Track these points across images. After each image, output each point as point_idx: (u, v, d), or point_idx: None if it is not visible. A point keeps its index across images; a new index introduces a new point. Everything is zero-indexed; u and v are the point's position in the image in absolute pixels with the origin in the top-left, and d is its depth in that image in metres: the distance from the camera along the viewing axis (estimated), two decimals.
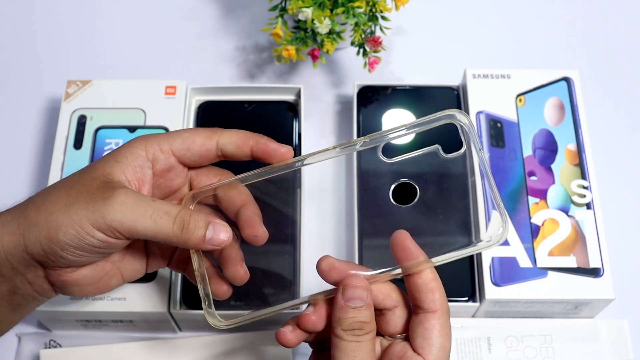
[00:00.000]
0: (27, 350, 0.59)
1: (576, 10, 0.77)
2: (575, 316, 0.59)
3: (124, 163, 0.43)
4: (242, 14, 0.77)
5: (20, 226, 0.41)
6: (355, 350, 0.40)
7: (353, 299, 0.41)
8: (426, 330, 0.41)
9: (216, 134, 0.46)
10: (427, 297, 0.42)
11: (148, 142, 0.45)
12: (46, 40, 0.75)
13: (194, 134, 0.45)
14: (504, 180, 0.61)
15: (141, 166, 0.44)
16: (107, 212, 0.40)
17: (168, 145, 0.45)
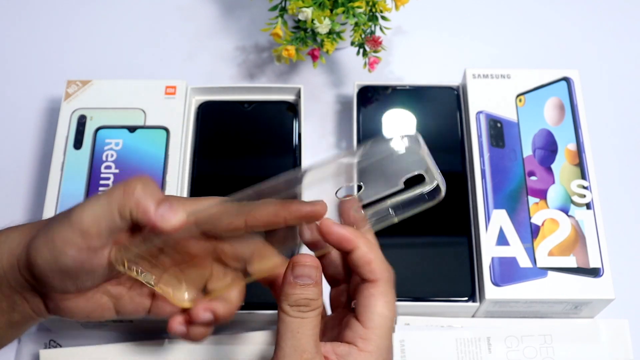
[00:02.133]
0: (27, 350, 0.59)
1: (576, 10, 0.77)
2: (575, 316, 0.59)
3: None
4: (242, 14, 0.77)
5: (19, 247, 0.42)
6: (300, 327, 0.40)
7: (302, 276, 0.41)
8: (365, 299, 0.41)
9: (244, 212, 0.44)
10: (364, 269, 0.42)
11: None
12: (46, 40, 0.75)
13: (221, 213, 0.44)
14: (504, 180, 0.61)
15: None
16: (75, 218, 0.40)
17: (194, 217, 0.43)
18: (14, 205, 0.66)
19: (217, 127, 0.65)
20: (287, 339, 0.40)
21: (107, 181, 0.60)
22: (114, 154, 0.61)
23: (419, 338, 0.58)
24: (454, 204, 0.61)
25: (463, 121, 0.65)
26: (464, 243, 0.59)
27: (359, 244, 0.42)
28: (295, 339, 0.40)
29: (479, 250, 0.58)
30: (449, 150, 0.64)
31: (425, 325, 0.58)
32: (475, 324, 0.59)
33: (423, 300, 0.58)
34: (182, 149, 0.62)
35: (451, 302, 0.58)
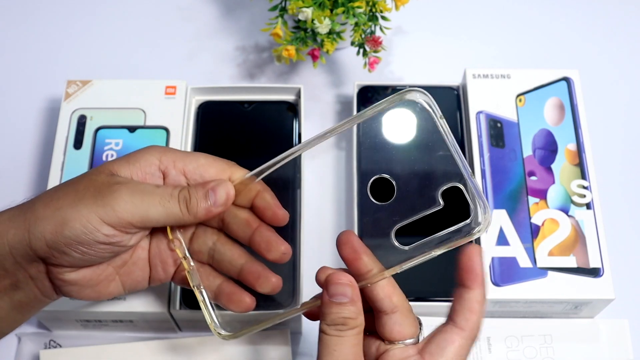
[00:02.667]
0: (27, 350, 0.59)
1: (576, 10, 0.77)
2: (575, 316, 0.59)
3: (135, 166, 0.44)
4: (242, 14, 0.77)
5: (27, 221, 0.41)
6: (336, 345, 0.40)
7: (336, 295, 0.41)
8: (444, 341, 0.42)
9: (230, 169, 0.45)
10: (464, 315, 0.42)
11: (164, 154, 0.45)
12: (46, 40, 0.75)
13: (209, 163, 0.45)
14: (504, 180, 0.61)
15: (152, 174, 0.44)
16: (117, 205, 0.41)
17: (182, 165, 0.45)
18: None
19: (217, 127, 0.65)
20: (325, 356, 0.40)
21: None
22: (114, 154, 0.61)
23: None
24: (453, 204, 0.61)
25: (463, 121, 0.65)
26: None
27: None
28: (332, 356, 0.40)
29: None
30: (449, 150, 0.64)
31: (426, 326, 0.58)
32: None
33: (423, 300, 0.58)
34: (182, 149, 0.62)
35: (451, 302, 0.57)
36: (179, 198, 0.43)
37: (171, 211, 0.42)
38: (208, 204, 0.43)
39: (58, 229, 0.40)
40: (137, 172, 0.44)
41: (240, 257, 0.46)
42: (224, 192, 0.44)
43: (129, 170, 0.43)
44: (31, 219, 0.41)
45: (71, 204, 0.41)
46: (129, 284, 0.46)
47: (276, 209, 0.46)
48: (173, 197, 0.42)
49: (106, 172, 0.43)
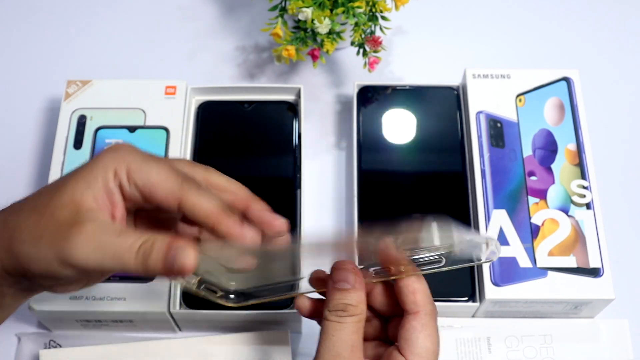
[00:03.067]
0: (27, 350, 0.59)
1: (576, 10, 0.77)
2: (575, 316, 0.59)
3: (95, 187, 0.40)
4: (242, 14, 0.77)
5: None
6: (335, 330, 0.40)
7: (340, 280, 0.41)
8: (407, 332, 0.42)
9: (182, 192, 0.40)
10: (407, 298, 0.42)
11: (120, 164, 0.41)
12: (46, 40, 0.75)
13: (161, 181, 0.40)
14: (504, 180, 0.61)
15: (111, 190, 0.41)
16: (72, 253, 0.38)
17: (134, 179, 0.40)
18: None
19: (217, 127, 0.65)
20: (323, 341, 0.41)
21: None
22: None
23: None
24: (454, 204, 0.61)
25: (463, 121, 0.65)
26: None
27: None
28: (330, 341, 0.40)
29: None
30: (449, 150, 0.64)
31: None
32: (475, 324, 0.59)
33: None
34: (182, 149, 0.62)
35: (451, 302, 0.58)
36: (137, 254, 0.39)
37: (126, 264, 0.39)
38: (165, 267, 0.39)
39: (24, 264, 0.39)
40: (100, 195, 0.40)
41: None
42: (181, 262, 0.38)
43: (91, 195, 0.40)
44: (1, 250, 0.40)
45: (32, 241, 0.39)
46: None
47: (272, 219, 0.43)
48: (130, 250, 0.39)
49: (69, 206, 0.40)
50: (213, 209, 0.40)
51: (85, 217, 0.39)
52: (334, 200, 0.66)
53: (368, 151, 0.63)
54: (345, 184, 0.67)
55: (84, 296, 0.56)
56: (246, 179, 0.62)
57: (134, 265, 0.39)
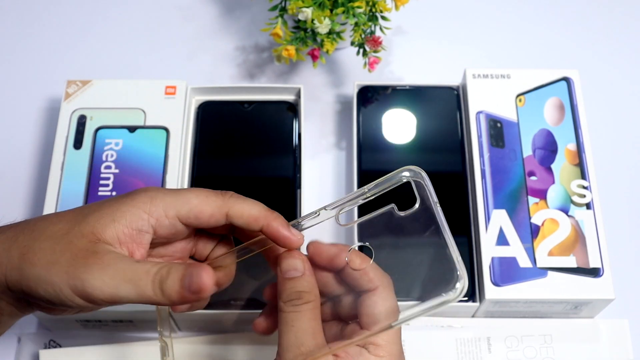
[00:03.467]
0: (27, 350, 0.59)
1: (576, 10, 0.77)
2: (575, 316, 0.59)
3: (120, 223, 0.40)
4: (242, 14, 0.77)
5: (2, 265, 0.40)
6: (294, 320, 0.40)
7: (288, 270, 0.41)
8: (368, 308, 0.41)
9: (227, 204, 0.42)
10: (362, 280, 0.42)
11: (153, 203, 0.41)
12: (46, 40, 0.75)
13: (203, 202, 0.42)
14: (504, 180, 0.61)
15: (140, 229, 0.41)
16: (87, 281, 0.38)
17: (175, 212, 0.42)
18: (14, 205, 0.66)
19: (217, 127, 0.65)
20: (284, 334, 0.40)
21: (107, 181, 0.60)
22: (114, 154, 0.61)
23: (419, 338, 0.58)
24: (454, 204, 0.61)
25: (463, 121, 0.65)
26: (464, 243, 0.59)
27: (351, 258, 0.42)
28: (291, 332, 0.40)
29: (479, 250, 0.58)
30: (449, 150, 0.64)
31: (425, 325, 0.58)
32: (475, 324, 0.59)
33: None
34: (182, 149, 0.62)
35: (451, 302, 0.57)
36: (154, 278, 0.39)
37: (143, 292, 0.39)
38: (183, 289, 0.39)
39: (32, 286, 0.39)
40: (124, 231, 0.41)
41: None
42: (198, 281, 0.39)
43: (114, 230, 0.40)
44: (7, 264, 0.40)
45: (45, 265, 0.39)
46: None
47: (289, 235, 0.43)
48: (148, 277, 0.39)
49: (88, 237, 0.40)
50: (261, 211, 0.42)
51: (104, 248, 0.40)
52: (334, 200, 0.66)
53: (368, 151, 0.63)
54: (345, 184, 0.67)
55: None
56: (246, 179, 0.63)
57: (151, 289, 0.39)
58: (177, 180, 0.61)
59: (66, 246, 0.40)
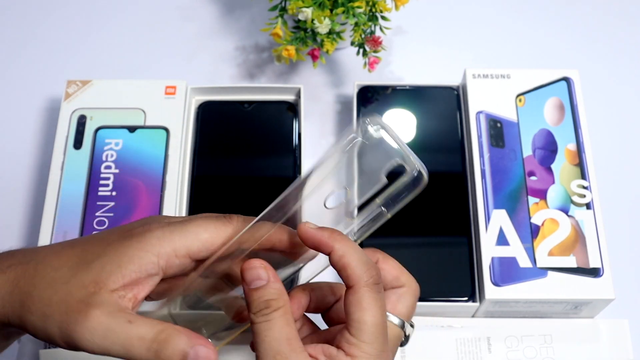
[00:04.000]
0: (27, 351, 0.59)
1: (576, 10, 0.77)
2: (575, 316, 0.59)
3: (128, 269, 0.39)
4: (242, 14, 0.77)
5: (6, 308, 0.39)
6: (266, 330, 0.39)
7: (253, 280, 0.40)
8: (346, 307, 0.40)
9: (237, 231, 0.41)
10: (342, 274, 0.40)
11: (161, 246, 0.40)
12: (46, 40, 0.75)
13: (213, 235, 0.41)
14: (504, 180, 0.61)
15: (149, 273, 0.40)
16: (78, 340, 0.38)
17: (185, 251, 0.41)
18: (14, 205, 0.66)
19: (217, 127, 0.65)
20: (259, 345, 0.39)
21: (107, 181, 0.60)
22: (114, 154, 0.61)
23: (419, 338, 0.58)
24: (454, 204, 0.61)
25: (463, 121, 0.65)
26: (464, 243, 0.59)
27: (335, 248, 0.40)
28: (265, 343, 0.39)
29: (479, 250, 0.58)
30: (449, 150, 0.64)
31: (425, 325, 0.58)
32: (475, 324, 0.59)
33: (423, 300, 0.58)
34: (182, 149, 0.62)
35: (451, 302, 0.58)
36: (150, 346, 0.38)
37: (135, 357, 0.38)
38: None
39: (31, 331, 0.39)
40: (131, 276, 0.39)
41: None
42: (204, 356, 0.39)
43: (120, 275, 0.39)
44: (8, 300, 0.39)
45: (41, 317, 0.38)
46: None
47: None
48: (142, 343, 0.38)
49: (89, 288, 0.38)
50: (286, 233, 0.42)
51: (101, 300, 0.38)
52: None
53: None
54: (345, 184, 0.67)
55: None
56: (246, 178, 0.63)
57: (144, 353, 0.38)
58: (177, 180, 0.60)
59: (64, 297, 0.38)
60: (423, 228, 0.61)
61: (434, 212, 0.61)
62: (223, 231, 0.41)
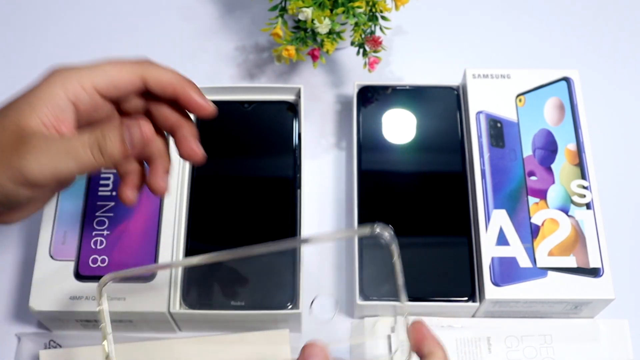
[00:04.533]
0: (27, 350, 0.59)
1: (576, 11, 0.77)
2: (575, 316, 0.59)
3: (40, 107, 0.40)
4: (242, 14, 0.77)
5: None
6: None
7: None
8: None
9: (144, 69, 0.43)
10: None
11: (68, 80, 0.41)
12: (46, 40, 0.75)
13: (120, 69, 0.42)
14: (504, 180, 0.61)
15: (61, 108, 0.41)
16: (23, 167, 0.39)
17: (91, 84, 0.42)
18: None
19: (217, 127, 0.65)
20: None
21: (107, 181, 0.60)
22: None
23: None
24: (454, 204, 0.61)
25: (463, 121, 0.65)
26: (464, 243, 0.59)
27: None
28: None
29: (479, 250, 0.58)
30: (449, 150, 0.64)
31: None
32: (475, 324, 0.59)
33: (423, 300, 0.58)
34: None
35: (451, 302, 0.58)
36: (90, 145, 0.40)
37: (82, 160, 0.39)
38: (124, 146, 0.40)
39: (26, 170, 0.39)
40: (45, 113, 0.40)
41: None
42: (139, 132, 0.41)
43: (35, 115, 0.40)
44: None
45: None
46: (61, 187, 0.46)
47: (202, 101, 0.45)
48: (83, 146, 0.40)
49: (12, 129, 0.40)
50: (176, 77, 0.44)
51: (31, 134, 0.40)
52: (334, 200, 0.66)
53: (368, 151, 0.63)
54: (345, 184, 0.67)
55: (84, 296, 0.56)
56: (246, 179, 0.63)
57: (91, 155, 0.39)
58: (177, 180, 0.60)
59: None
60: (423, 228, 0.61)
61: (434, 212, 0.61)
62: (130, 67, 0.43)
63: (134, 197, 0.47)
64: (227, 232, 0.60)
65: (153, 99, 0.46)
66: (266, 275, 0.58)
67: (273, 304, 0.57)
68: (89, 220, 0.59)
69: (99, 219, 0.59)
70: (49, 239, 0.58)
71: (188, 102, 0.44)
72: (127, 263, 0.57)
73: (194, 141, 0.46)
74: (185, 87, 0.44)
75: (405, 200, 0.62)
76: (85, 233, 0.58)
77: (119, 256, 0.57)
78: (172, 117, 0.46)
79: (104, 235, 0.58)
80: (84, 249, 0.58)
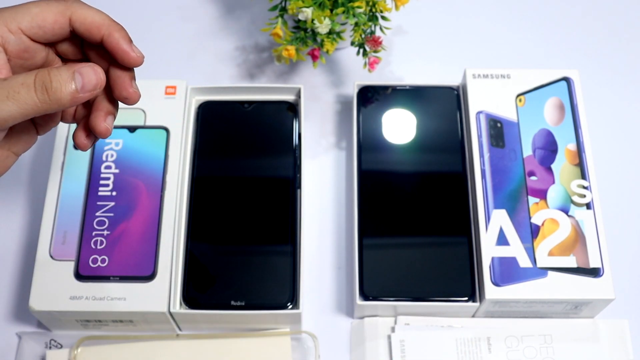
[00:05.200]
0: (27, 350, 0.59)
1: (576, 10, 0.77)
2: (575, 316, 0.59)
3: None
4: (242, 14, 0.77)
5: None
6: None
7: None
8: None
9: (70, 9, 0.41)
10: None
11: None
12: None
13: (44, 9, 0.40)
14: (504, 180, 0.61)
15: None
16: None
17: (16, 24, 0.40)
18: (14, 205, 0.66)
19: (217, 127, 0.65)
20: None
21: (107, 181, 0.60)
22: (114, 154, 0.61)
23: (419, 338, 0.58)
24: (454, 204, 0.61)
25: (463, 121, 0.65)
26: (464, 243, 0.59)
27: None
28: None
29: (479, 250, 0.58)
30: (449, 150, 0.64)
31: (425, 325, 0.59)
32: (475, 324, 0.59)
33: (423, 300, 0.58)
34: (182, 149, 0.62)
35: (451, 302, 0.58)
36: (35, 85, 0.37)
37: (26, 103, 0.37)
38: (73, 87, 0.38)
39: None
40: None
41: None
42: (93, 75, 0.39)
43: None
44: None
45: None
46: (21, 150, 0.45)
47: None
48: (26, 86, 0.37)
49: None
50: (105, 19, 0.42)
51: None
52: (334, 200, 0.66)
53: (368, 151, 0.63)
54: (345, 184, 0.67)
55: (84, 296, 0.56)
56: (246, 179, 0.63)
57: (35, 97, 0.37)
58: (177, 180, 0.61)
59: None
60: (423, 228, 0.61)
61: (434, 212, 0.61)
62: (55, 6, 0.41)
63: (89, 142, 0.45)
64: (227, 232, 0.60)
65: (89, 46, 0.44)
66: (266, 275, 0.58)
67: (273, 303, 0.57)
68: (89, 220, 0.59)
69: (99, 219, 0.59)
70: (49, 239, 0.58)
71: (113, 48, 0.42)
72: (127, 263, 0.57)
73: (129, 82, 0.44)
74: (113, 30, 0.42)
75: (406, 200, 0.62)
76: (85, 233, 0.58)
77: (119, 256, 0.57)
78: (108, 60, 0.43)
79: (104, 235, 0.58)
80: (84, 249, 0.58)
